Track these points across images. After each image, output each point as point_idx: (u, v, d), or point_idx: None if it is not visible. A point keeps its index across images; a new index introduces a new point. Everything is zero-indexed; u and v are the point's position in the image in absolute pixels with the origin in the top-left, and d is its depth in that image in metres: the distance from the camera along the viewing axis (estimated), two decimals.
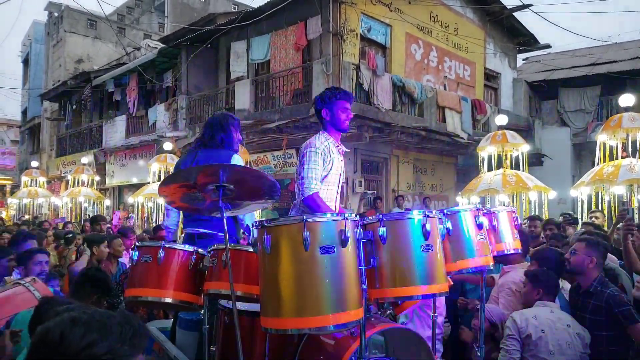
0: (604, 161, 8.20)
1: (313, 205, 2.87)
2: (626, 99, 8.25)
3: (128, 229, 6.56)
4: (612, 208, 7.86)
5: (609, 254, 4.54)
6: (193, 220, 3.27)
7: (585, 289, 3.20)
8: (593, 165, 8.44)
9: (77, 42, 27.35)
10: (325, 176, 3.03)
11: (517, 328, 2.97)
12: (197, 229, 3.20)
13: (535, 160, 14.96)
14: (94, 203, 15.18)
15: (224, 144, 3.44)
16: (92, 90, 19.01)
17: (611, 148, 8.20)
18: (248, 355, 2.36)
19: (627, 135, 7.88)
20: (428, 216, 2.07)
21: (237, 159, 3.34)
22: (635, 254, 3.67)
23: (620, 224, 4.16)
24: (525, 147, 9.78)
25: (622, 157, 7.81)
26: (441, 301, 3.54)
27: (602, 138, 8.36)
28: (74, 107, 20.66)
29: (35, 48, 30.98)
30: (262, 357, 2.41)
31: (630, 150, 7.82)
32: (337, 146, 3.14)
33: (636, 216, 7.18)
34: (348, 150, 3.36)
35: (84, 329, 1.07)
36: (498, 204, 9.39)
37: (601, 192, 8.21)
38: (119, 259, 4.91)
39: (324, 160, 2.99)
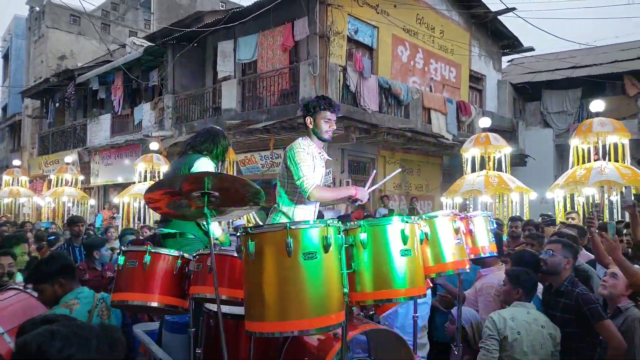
0: (578, 164, 8.46)
1: (322, 195, 2.95)
2: (596, 105, 8.58)
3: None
4: (586, 209, 8.10)
5: (587, 252, 4.71)
6: (163, 220, 3.33)
7: (557, 288, 3.32)
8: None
9: (59, 38, 26.93)
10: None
11: (497, 328, 3.05)
12: (163, 229, 3.26)
13: (519, 160, 15.20)
14: (78, 203, 15.02)
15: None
16: (76, 87, 18.78)
17: (584, 151, 8.48)
18: (233, 358, 2.41)
19: (598, 139, 8.15)
20: (407, 222, 2.14)
21: (205, 163, 3.36)
22: (603, 249, 3.80)
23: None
24: (507, 149, 9.96)
25: (594, 160, 8.08)
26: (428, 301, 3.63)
27: (575, 142, 8.66)
28: (57, 104, 20.36)
29: (16, 43, 30.44)
30: (247, 359, 2.46)
31: (601, 153, 8.07)
32: (319, 153, 3.18)
33: (607, 216, 7.42)
34: (330, 159, 3.38)
35: (63, 343, 1.09)
36: (481, 204, 9.57)
37: (576, 194, 8.44)
38: None
39: (310, 159, 3.04)
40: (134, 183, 12.50)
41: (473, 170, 9.86)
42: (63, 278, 2.84)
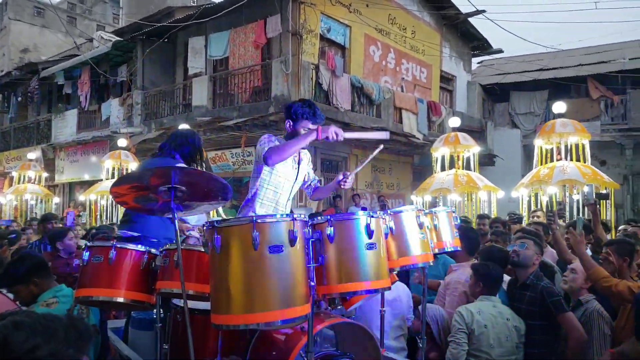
0: (542, 164, 8.75)
1: (275, 149, 2.82)
2: (559, 106, 8.91)
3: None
4: (550, 207, 8.38)
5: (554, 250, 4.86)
6: (124, 222, 3.28)
7: (523, 281, 3.44)
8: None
9: (22, 30, 26.18)
10: (270, 173, 3.04)
11: (465, 322, 3.14)
12: (125, 232, 3.22)
13: (488, 160, 15.53)
14: (41, 200, 14.62)
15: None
16: (40, 82, 18.29)
17: (547, 151, 8.78)
18: (200, 353, 2.41)
19: (560, 139, 8.45)
20: (372, 216, 2.18)
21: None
22: (565, 245, 3.95)
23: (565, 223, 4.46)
24: (476, 149, 10.18)
25: (557, 160, 8.38)
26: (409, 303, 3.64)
27: (539, 142, 8.96)
28: (19, 99, 19.78)
29: None
30: (214, 355, 2.46)
31: (563, 153, 8.38)
32: (294, 155, 3.11)
33: (568, 214, 7.70)
34: (304, 162, 3.29)
35: (27, 333, 1.07)
36: (450, 202, 9.76)
37: (540, 193, 8.72)
38: None
39: None
40: (101, 180, 12.26)
41: (443, 169, 10.05)
42: (37, 277, 2.81)
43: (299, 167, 3.20)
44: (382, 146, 3.14)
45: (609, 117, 16.37)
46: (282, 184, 3.12)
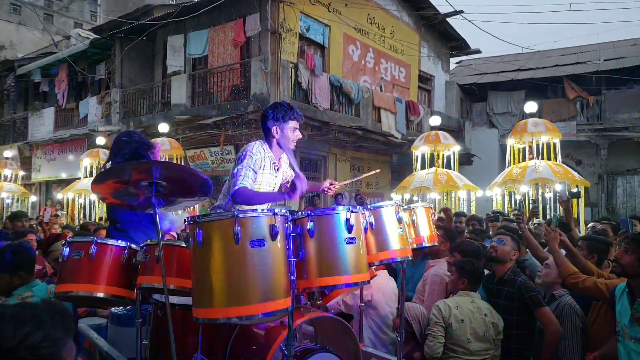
0: (514, 163, 8.91)
1: (247, 194, 2.79)
2: (530, 106, 9.08)
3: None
4: (520, 206, 8.56)
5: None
6: (112, 230, 3.28)
7: (500, 277, 3.52)
8: None
9: None
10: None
11: (442, 316, 3.19)
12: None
13: (466, 159, 15.75)
14: (17, 199, 14.37)
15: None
16: (16, 79, 17.95)
17: (519, 150, 8.95)
18: (181, 348, 2.42)
19: (532, 138, 8.62)
20: (352, 211, 2.22)
21: None
22: (538, 242, 4.05)
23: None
24: (456, 148, 10.31)
25: (529, 159, 8.55)
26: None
27: (511, 142, 9.11)
28: None
29: None
30: (194, 350, 2.47)
31: (535, 152, 8.55)
32: (274, 162, 3.10)
33: (541, 211, 7.87)
34: (283, 166, 3.25)
35: (15, 323, 1.07)
36: (429, 201, 9.88)
37: (513, 192, 8.89)
38: None
39: (257, 166, 2.95)
40: (79, 179, 12.09)
41: (423, 167, 10.16)
42: (24, 271, 2.81)
43: (278, 174, 3.19)
44: (378, 170, 3.20)
45: (584, 117, 16.75)
46: (262, 190, 3.07)
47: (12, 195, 13.95)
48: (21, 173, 15.10)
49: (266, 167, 3.03)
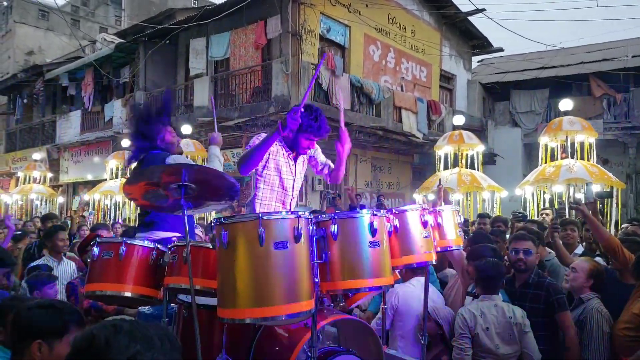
0: (546, 162, 8.70)
1: (245, 156, 2.89)
2: (565, 104, 8.80)
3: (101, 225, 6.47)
4: (555, 206, 8.38)
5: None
6: (142, 225, 3.33)
7: (524, 281, 3.45)
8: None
9: (27, 33, 26.31)
10: (262, 171, 3.09)
11: (467, 325, 3.12)
12: (145, 236, 3.22)
13: (488, 159, 15.54)
14: (46, 200, 14.73)
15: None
16: (45, 84, 18.41)
17: (552, 149, 8.72)
18: (206, 347, 2.46)
19: (567, 137, 8.39)
20: (376, 215, 2.23)
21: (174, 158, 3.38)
22: (565, 249, 3.99)
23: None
24: (480, 148, 10.15)
25: (562, 158, 8.32)
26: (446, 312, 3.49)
27: (544, 140, 8.87)
28: (25, 100, 19.94)
29: None
30: (219, 349, 2.50)
31: (569, 151, 8.32)
32: (285, 158, 3.15)
33: (573, 213, 7.67)
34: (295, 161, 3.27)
35: (128, 338, 1.06)
36: (453, 202, 9.77)
37: (543, 191, 8.70)
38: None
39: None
40: (104, 180, 12.33)
41: (446, 167, 10.04)
42: None
43: (295, 163, 3.22)
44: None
45: (611, 115, 16.34)
46: (280, 182, 3.15)
47: (41, 196, 14.31)
48: (49, 175, 15.48)
49: (278, 155, 3.10)
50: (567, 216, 7.72)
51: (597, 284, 3.38)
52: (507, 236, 5.00)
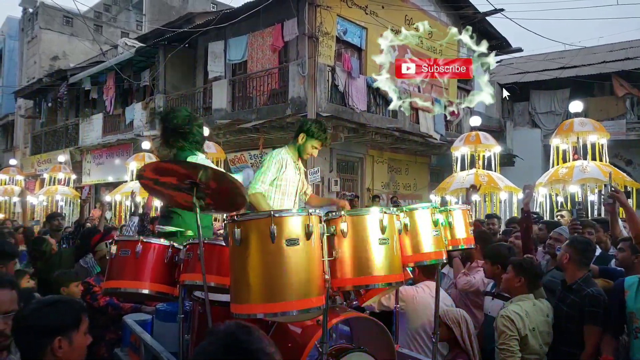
0: (558, 163, 8.62)
1: (255, 201, 3.29)
2: (575, 106, 8.74)
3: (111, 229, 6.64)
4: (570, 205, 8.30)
5: None
6: (162, 217, 3.48)
7: (569, 284, 3.35)
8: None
9: (52, 39, 26.88)
10: (275, 180, 3.50)
11: (517, 328, 3.06)
12: (163, 227, 3.38)
13: (507, 160, 15.39)
14: (70, 202, 15.05)
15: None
16: (68, 88, 18.83)
17: (564, 151, 8.64)
18: None
19: (578, 138, 8.30)
20: (385, 212, 2.26)
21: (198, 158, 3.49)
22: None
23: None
24: (497, 148, 10.08)
25: (574, 159, 8.25)
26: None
27: (556, 142, 8.80)
28: (50, 104, 20.42)
29: (9, 44, 30.33)
30: None
31: (581, 152, 8.23)
32: (295, 163, 3.63)
33: (589, 213, 7.59)
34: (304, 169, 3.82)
35: (261, 338, 1.21)
36: (471, 203, 9.71)
37: (556, 192, 8.62)
38: None
39: (277, 168, 3.49)
40: (125, 182, 12.56)
41: (463, 168, 10.00)
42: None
43: (300, 172, 3.68)
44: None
45: (634, 115, 16.04)
46: (289, 192, 3.58)
47: (65, 197, 14.63)
48: (73, 177, 15.80)
49: (289, 165, 3.56)
50: (585, 215, 7.64)
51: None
52: None
